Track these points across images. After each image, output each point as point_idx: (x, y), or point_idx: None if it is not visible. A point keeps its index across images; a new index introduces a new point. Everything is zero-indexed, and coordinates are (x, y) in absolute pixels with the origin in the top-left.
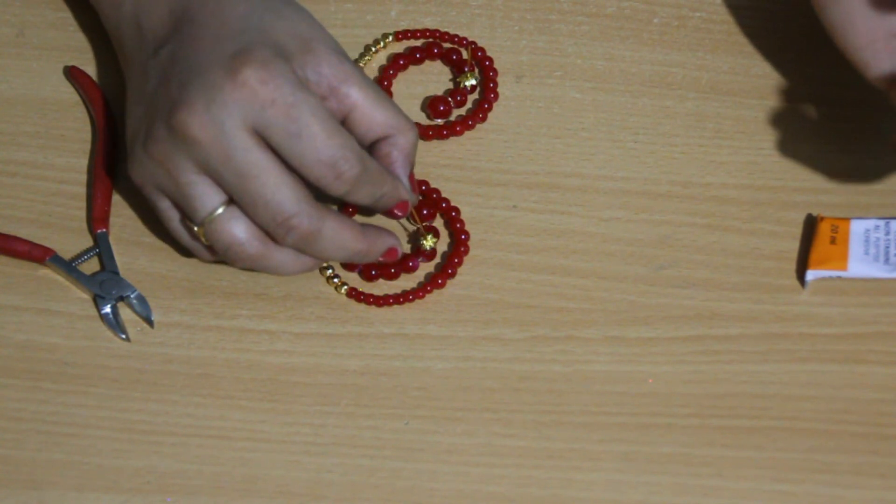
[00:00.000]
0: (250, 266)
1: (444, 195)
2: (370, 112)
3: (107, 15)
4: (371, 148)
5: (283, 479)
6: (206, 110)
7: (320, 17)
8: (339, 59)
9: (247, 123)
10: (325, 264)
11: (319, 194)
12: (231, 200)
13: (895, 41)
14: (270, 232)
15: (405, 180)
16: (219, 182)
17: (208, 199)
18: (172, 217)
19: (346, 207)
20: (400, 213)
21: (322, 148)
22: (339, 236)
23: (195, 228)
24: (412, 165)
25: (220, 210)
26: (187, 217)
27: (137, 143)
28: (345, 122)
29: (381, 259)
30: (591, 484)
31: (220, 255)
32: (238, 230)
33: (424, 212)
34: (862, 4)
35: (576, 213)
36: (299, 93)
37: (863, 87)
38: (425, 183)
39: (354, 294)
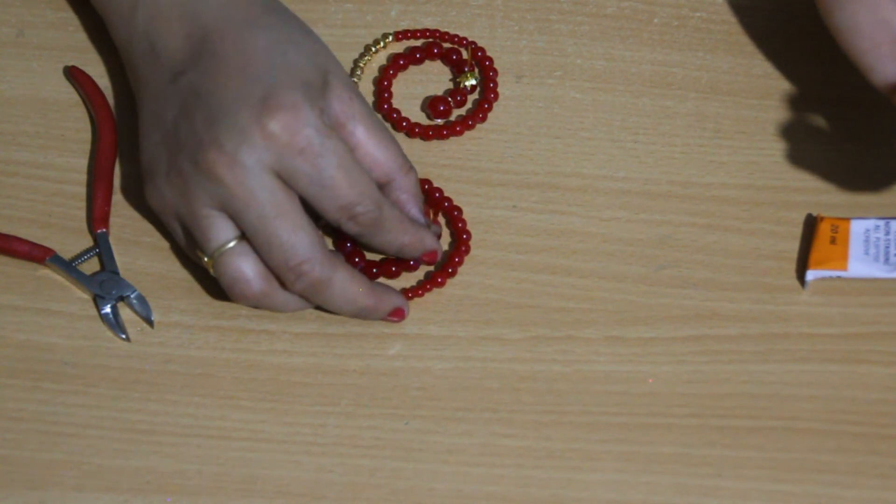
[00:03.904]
0: (253, 304)
1: (445, 195)
2: (373, 151)
3: (115, 26)
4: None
5: (283, 479)
6: (236, 153)
7: (320, 16)
8: (349, 94)
9: (274, 168)
10: None
11: None
12: (243, 237)
13: None
14: (280, 275)
15: (420, 217)
16: (237, 220)
17: (222, 232)
18: (189, 244)
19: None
20: (427, 261)
21: (342, 196)
22: (349, 289)
23: (204, 259)
24: (422, 201)
25: (232, 244)
26: (199, 247)
27: (158, 172)
28: None
29: (388, 318)
30: (591, 484)
31: (224, 289)
32: (246, 266)
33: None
34: (867, 8)
35: (576, 213)
36: (327, 141)
37: (863, 88)
38: (428, 182)
39: None
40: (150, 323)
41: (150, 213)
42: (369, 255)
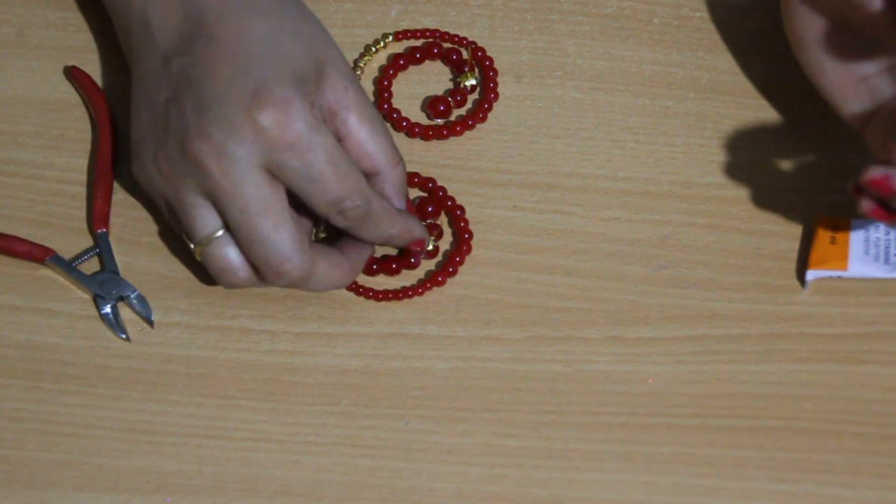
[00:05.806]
0: (240, 287)
1: (448, 194)
2: (363, 142)
3: (114, 7)
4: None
5: (283, 479)
6: (224, 145)
7: (320, 16)
8: (344, 84)
9: (262, 162)
10: None
11: None
12: (228, 226)
13: (863, 85)
14: (261, 271)
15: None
16: (220, 212)
17: (209, 221)
18: (175, 222)
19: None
20: (417, 250)
21: (331, 191)
22: (328, 278)
23: (191, 247)
24: (406, 195)
25: (219, 233)
26: (185, 233)
27: (146, 152)
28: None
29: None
30: (591, 484)
31: (212, 276)
32: (233, 256)
33: (429, 209)
34: (829, 53)
35: (576, 213)
36: (317, 136)
37: None
38: (431, 181)
39: (353, 287)
40: (150, 323)
41: (150, 213)
42: None
